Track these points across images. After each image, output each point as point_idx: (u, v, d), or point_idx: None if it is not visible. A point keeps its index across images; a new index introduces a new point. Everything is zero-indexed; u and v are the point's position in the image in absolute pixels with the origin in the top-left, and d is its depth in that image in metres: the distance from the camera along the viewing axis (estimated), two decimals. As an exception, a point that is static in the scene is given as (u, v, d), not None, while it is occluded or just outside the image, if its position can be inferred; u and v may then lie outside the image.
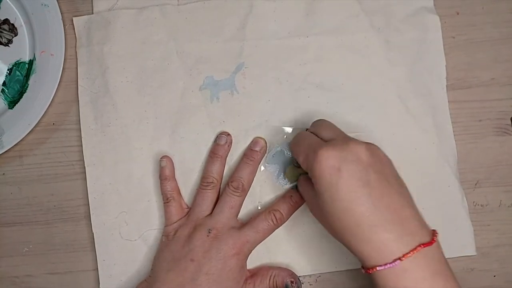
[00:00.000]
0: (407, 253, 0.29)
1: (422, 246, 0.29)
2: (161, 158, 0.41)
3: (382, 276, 0.29)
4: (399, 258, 0.29)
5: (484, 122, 0.42)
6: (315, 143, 0.33)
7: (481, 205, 0.42)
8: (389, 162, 0.33)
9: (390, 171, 0.32)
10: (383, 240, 0.29)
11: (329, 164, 0.31)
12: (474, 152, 0.42)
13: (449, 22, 0.43)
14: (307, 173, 0.36)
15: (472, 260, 0.41)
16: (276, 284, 0.38)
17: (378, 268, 0.29)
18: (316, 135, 0.35)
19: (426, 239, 0.30)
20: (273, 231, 0.38)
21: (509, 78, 0.43)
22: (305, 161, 0.33)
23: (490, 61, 0.43)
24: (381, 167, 0.32)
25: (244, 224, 0.38)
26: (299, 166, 0.39)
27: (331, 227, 0.32)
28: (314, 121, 0.38)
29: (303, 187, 0.37)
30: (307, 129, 0.38)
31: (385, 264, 0.29)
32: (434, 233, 0.31)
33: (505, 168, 0.42)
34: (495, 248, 0.41)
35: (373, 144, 0.33)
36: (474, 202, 0.41)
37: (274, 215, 0.38)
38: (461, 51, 0.43)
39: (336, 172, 0.30)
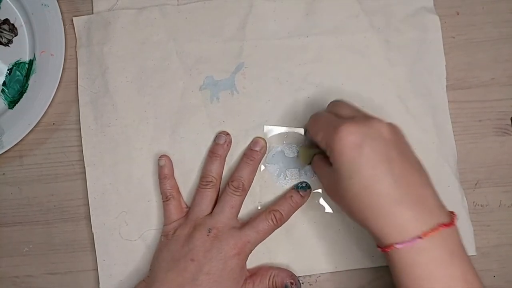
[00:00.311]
0: (427, 232, 0.28)
1: (443, 226, 0.29)
2: (159, 157, 0.41)
3: (399, 254, 0.29)
4: (419, 237, 0.28)
5: (484, 122, 0.42)
6: (335, 120, 0.33)
7: (481, 205, 0.42)
8: (408, 143, 0.33)
9: (410, 150, 0.32)
10: (403, 217, 0.29)
11: (351, 139, 0.30)
12: (474, 152, 0.42)
13: (449, 22, 0.43)
14: (320, 153, 0.37)
15: (472, 260, 0.40)
16: (275, 284, 0.38)
17: (396, 246, 0.29)
18: (335, 114, 0.35)
19: (446, 219, 0.30)
20: (273, 231, 0.38)
21: (509, 78, 0.43)
22: (324, 138, 0.33)
23: (490, 61, 0.43)
24: (402, 146, 0.32)
25: (244, 224, 0.38)
26: (311, 147, 0.39)
27: (348, 205, 0.31)
28: (331, 102, 0.37)
29: (319, 167, 0.37)
30: None
31: (404, 242, 0.29)
32: (452, 214, 0.31)
33: (505, 168, 0.42)
34: (495, 248, 0.41)
35: (394, 124, 0.33)
36: (474, 202, 0.41)
37: (274, 215, 0.38)
38: (461, 51, 0.43)
39: (358, 148, 0.30)
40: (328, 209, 0.41)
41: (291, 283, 0.38)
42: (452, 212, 0.31)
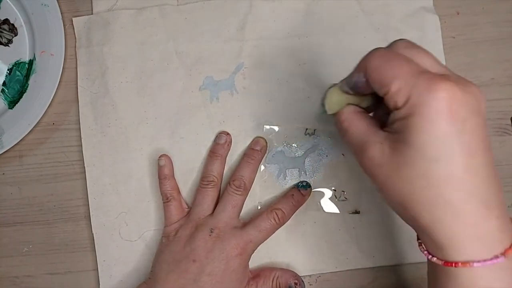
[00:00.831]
0: (508, 249, 0.23)
1: None
2: (159, 157, 0.40)
3: (471, 275, 0.23)
4: (503, 254, 0.22)
5: (484, 122, 0.42)
6: (427, 72, 0.23)
7: (481, 205, 0.41)
8: None
9: None
10: (489, 227, 0.23)
11: (455, 108, 0.22)
12: (474, 152, 0.42)
13: (449, 22, 0.43)
14: (356, 105, 0.28)
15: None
16: (279, 285, 0.38)
17: (474, 265, 0.22)
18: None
19: None
20: (275, 230, 0.38)
21: (509, 78, 0.43)
22: (407, 91, 0.23)
23: (490, 61, 0.43)
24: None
25: (246, 224, 0.38)
26: (346, 93, 0.29)
27: (408, 193, 0.23)
28: (397, 42, 0.27)
29: (353, 123, 0.27)
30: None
31: (485, 260, 0.22)
32: None
33: (505, 168, 0.42)
34: (495, 248, 0.41)
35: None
36: (474, 202, 0.41)
37: (276, 213, 0.38)
38: (461, 51, 0.43)
39: (461, 123, 0.22)
40: (328, 209, 0.41)
41: (295, 284, 0.38)
42: None
